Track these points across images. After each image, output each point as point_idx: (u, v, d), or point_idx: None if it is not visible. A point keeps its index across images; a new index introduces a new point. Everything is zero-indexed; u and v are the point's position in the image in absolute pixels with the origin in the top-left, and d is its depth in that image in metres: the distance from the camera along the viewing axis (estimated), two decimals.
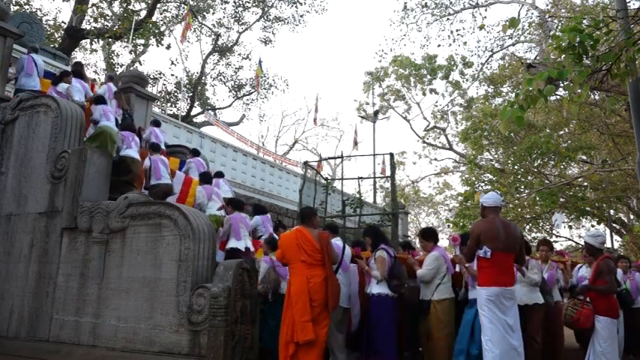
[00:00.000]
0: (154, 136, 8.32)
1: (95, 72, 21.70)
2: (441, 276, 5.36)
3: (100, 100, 7.43)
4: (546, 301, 5.64)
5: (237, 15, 23.46)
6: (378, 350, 5.11)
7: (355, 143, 25.63)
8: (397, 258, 5.54)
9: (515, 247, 4.58)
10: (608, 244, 10.77)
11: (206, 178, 7.55)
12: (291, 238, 4.86)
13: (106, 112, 7.13)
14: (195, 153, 8.85)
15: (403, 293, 5.44)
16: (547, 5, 18.19)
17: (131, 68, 19.49)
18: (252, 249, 6.76)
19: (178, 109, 22.71)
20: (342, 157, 13.95)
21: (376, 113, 23.99)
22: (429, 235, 5.68)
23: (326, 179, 13.50)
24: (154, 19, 18.60)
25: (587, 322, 4.79)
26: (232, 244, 6.53)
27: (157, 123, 8.68)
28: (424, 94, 23.89)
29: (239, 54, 25.08)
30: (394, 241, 8.89)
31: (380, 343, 5.10)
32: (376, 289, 5.27)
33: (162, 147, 8.18)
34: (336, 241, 5.46)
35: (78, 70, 8.49)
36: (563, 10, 15.95)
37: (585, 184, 13.98)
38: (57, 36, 18.45)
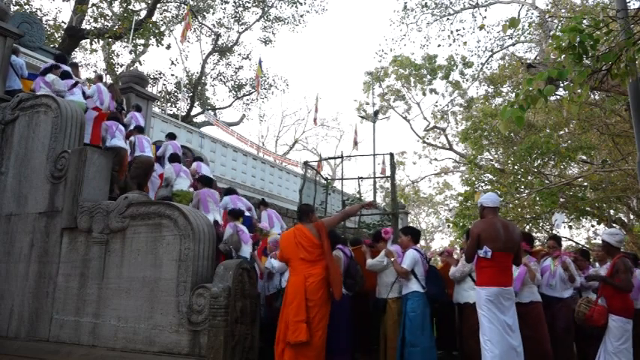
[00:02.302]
0: (135, 119, 8.57)
1: (95, 72, 21.74)
2: (396, 274, 5.36)
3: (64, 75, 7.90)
4: None
5: (237, 15, 23.45)
6: (330, 347, 5.11)
7: (355, 143, 25.62)
8: (353, 258, 5.61)
9: (515, 247, 4.59)
10: None
11: (175, 158, 8.03)
12: (290, 236, 4.83)
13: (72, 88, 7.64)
14: (172, 137, 9.14)
15: (358, 291, 5.57)
16: (547, 5, 18.20)
17: (131, 68, 19.49)
18: (220, 222, 7.03)
19: (178, 109, 22.71)
20: (342, 157, 13.90)
21: (376, 113, 23.95)
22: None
23: (326, 179, 13.50)
24: (154, 19, 18.57)
25: (601, 320, 4.69)
26: None
27: (138, 108, 8.95)
28: (424, 94, 23.86)
29: (239, 54, 25.09)
30: (394, 242, 8.88)
31: (332, 340, 5.07)
32: None
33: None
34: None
35: (63, 59, 8.72)
36: (563, 10, 15.94)
37: (585, 184, 13.97)
38: (57, 36, 18.44)
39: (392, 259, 5.30)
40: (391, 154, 11.20)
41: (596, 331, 4.91)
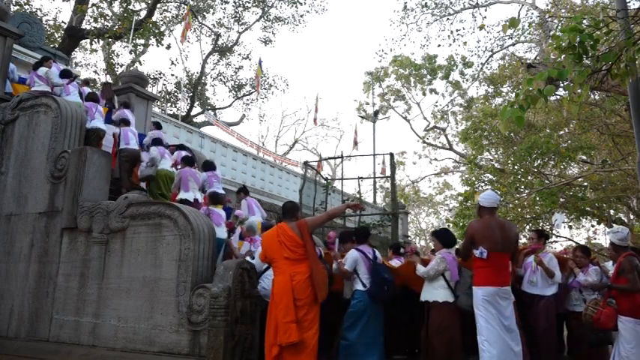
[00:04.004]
0: (122, 115, 8.71)
1: (95, 72, 21.75)
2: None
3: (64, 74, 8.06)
4: (458, 300, 5.13)
5: (237, 15, 23.45)
6: None
7: (355, 143, 25.65)
8: (323, 258, 5.60)
9: (512, 247, 4.58)
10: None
11: (159, 141, 8.38)
12: (273, 235, 4.71)
13: (67, 88, 7.86)
14: (158, 126, 9.33)
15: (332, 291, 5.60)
16: (547, 5, 18.19)
17: (131, 68, 19.48)
18: (200, 200, 7.30)
19: (178, 109, 22.72)
20: (342, 157, 13.96)
21: (376, 113, 24.00)
22: (346, 237, 5.84)
23: (326, 179, 13.51)
24: (154, 19, 18.57)
25: (609, 322, 4.53)
26: (181, 195, 7.08)
27: (126, 104, 9.14)
28: (424, 94, 23.89)
29: (239, 54, 25.09)
30: (394, 241, 8.88)
31: None
32: None
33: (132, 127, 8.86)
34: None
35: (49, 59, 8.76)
36: (563, 10, 15.94)
37: (585, 184, 13.95)
38: (57, 36, 18.44)
39: (338, 261, 5.35)
40: (391, 154, 11.23)
41: (600, 337, 4.78)
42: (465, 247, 4.63)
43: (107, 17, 18.89)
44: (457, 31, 21.70)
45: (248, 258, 5.82)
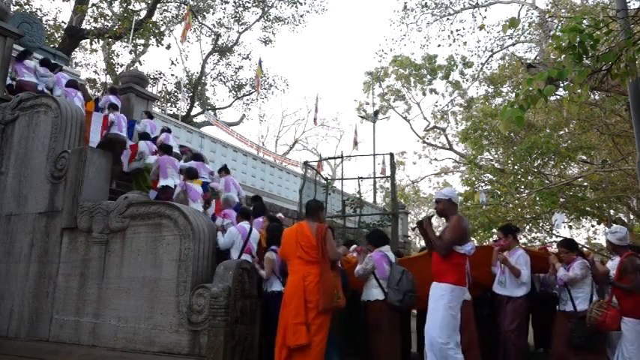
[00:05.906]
0: (107, 101, 8.90)
1: (95, 72, 21.75)
2: None
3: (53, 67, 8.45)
4: (387, 296, 5.18)
5: (237, 15, 23.45)
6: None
7: (355, 143, 25.62)
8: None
9: None
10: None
11: (146, 136, 8.55)
12: (292, 233, 4.70)
13: (59, 80, 8.26)
14: (150, 116, 9.43)
15: None
16: (547, 5, 18.20)
17: (131, 68, 19.48)
18: None
19: (178, 109, 22.72)
20: (342, 157, 13.93)
21: (376, 113, 23.97)
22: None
23: (326, 179, 13.49)
24: (154, 19, 18.56)
25: (614, 324, 4.48)
26: (162, 182, 7.24)
27: (112, 90, 9.25)
28: (424, 94, 23.88)
29: (239, 54, 25.08)
30: (394, 241, 8.88)
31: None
32: (267, 286, 5.25)
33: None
34: (243, 224, 5.71)
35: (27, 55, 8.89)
36: (563, 10, 15.94)
37: (585, 184, 13.96)
38: (57, 36, 18.43)
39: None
40: (391, 154, 11.20)
41: (580, 341, 4.66)
42: (453, 242, 4.25)
43: (107, 17, 18.88)
44: (457, 31, 21.76)
45: (219, 233, 5.76)
